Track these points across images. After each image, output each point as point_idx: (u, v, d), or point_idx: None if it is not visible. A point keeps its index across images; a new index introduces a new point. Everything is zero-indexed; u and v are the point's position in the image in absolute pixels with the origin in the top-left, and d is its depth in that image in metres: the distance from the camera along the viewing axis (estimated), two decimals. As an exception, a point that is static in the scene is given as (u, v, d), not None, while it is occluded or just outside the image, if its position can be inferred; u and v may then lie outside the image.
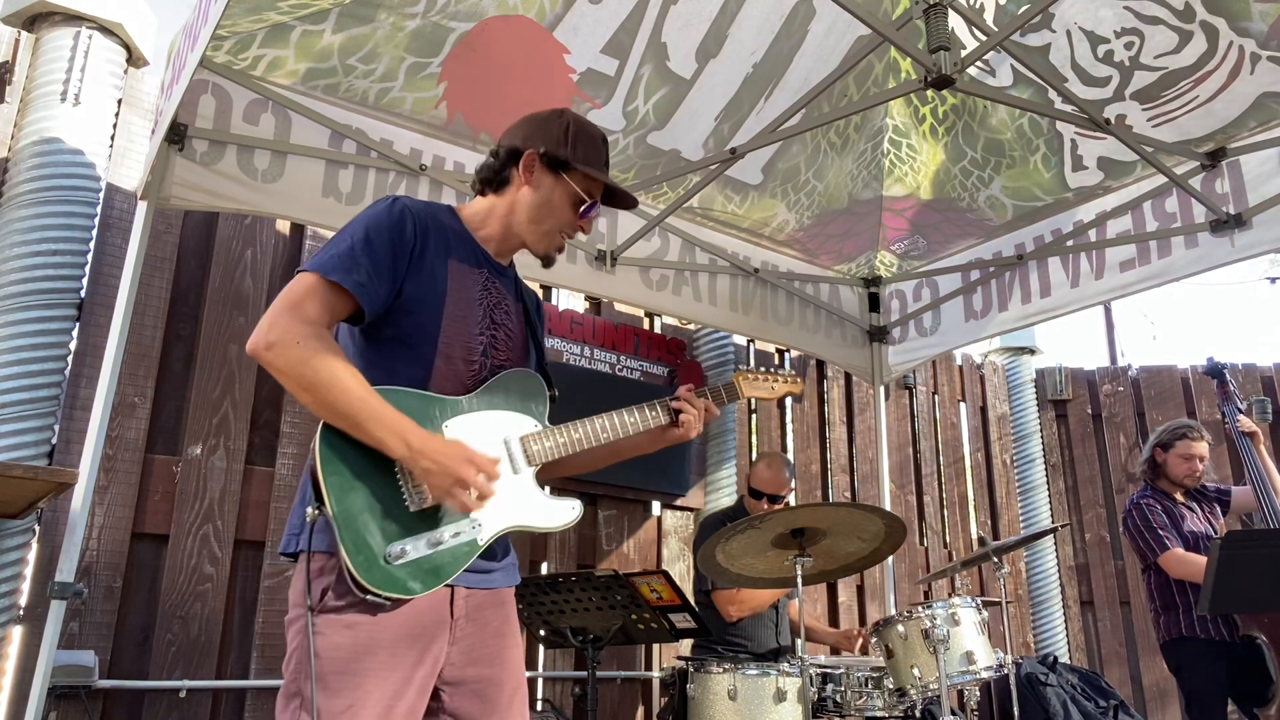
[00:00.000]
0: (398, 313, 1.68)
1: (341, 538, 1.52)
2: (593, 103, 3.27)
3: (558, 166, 1.84)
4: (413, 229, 1.71)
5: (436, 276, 1.72)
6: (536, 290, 4.40)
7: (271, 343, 1.55)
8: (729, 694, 2.83)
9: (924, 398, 5.81)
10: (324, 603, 1.56)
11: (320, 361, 1.55)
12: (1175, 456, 3.83)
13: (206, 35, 2.24)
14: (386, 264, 1.65)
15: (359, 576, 1.51)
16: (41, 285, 2.91)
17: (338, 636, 1.54)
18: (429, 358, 1.69)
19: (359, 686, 1.53)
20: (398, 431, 1.57)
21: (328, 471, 1.55)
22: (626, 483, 4.38)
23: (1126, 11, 3.03)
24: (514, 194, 1.86)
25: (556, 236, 1.88)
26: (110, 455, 3.13)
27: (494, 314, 1.81)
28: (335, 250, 1.64)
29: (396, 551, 1.56)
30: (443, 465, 1.57)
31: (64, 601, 2.53)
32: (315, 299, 1.60)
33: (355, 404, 1.56)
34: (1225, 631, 3.55)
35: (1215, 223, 3.43)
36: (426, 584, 1.58)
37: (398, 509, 1.59)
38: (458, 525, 1.64)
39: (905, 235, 4.33)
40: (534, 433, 1.78)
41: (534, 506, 1.75)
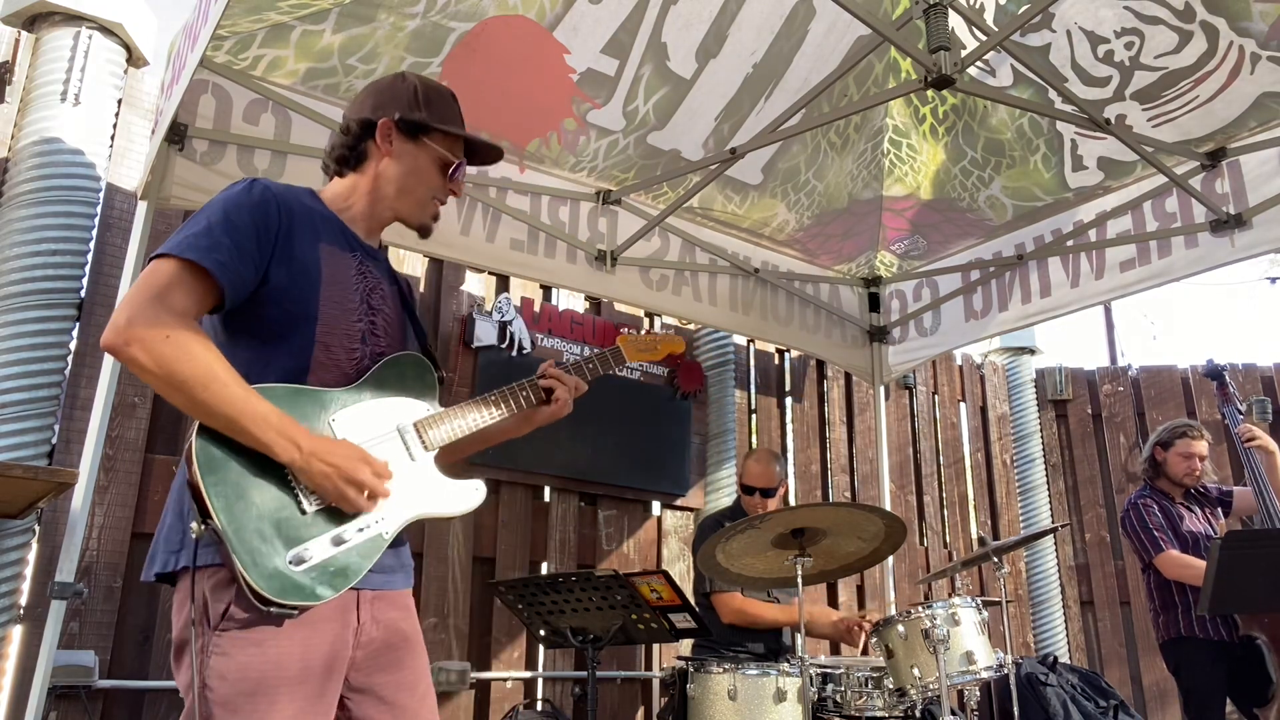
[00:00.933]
0: (266, 302, 1.56)
1: (235, 551, 1.40)
2: (593, 103, 3.27)
3: (416, 131, 1.74)
4: (276, 210, 1.59)
5: (308, 261, 1.60)
6: (537, 290, 4.43)
7: (135, 338, 1.41)
8: (729, 694, 2.83)
9: (924, 398, 5.81)
10: (225, 620, 1.43)
11: (193, 356, 1.42)
12: (1175, 455, 3.83)
13: (206, 35, 2.24)
14: (250, 246, 1.53)
15: (260, 589, 1.39)
16: (41, 285, 2.91)
17: (243, 656, 1.42)
18: (306, 349, 1.58)
19: (270, 708, 1.41)
20: (286, 434, 1.46)
21: (210, 481, 1.42)
22: (626, 483, 4.38)
23: (1126, 11, 3.03)
24: (375, 168, 1.75)
25: (430, 204, 1.79)
26: (110, 455, 3.13)
27: (370, 299, 1.70)
28: (191, 231, 1.51)
29: (298, 556, 1.45)
30: (337, 467, 1.48)
31: (64, 601, 2.53)
32: (180, 286, 1.46)
33: (237, 404, 1.43)
34: (1224, 631, 3.55)
35: (1215, 223, 3.43)
36: (335, 586, 1.47)
37: (292, 511, 1.48)
38: (361, 520, 1.54)
39: (905, 235, 4.33)
40: (427, 417, 1.69)
41: (436, 493, 1.67)
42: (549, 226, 3.64)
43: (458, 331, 4.07)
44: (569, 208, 3.72)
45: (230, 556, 1.40)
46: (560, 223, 3.69)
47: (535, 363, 1.95)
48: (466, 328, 4.07)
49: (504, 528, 4.05)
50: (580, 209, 3.75)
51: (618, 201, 3.78)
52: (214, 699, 1.40)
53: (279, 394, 1.52)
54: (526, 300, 4.27)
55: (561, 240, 3.70)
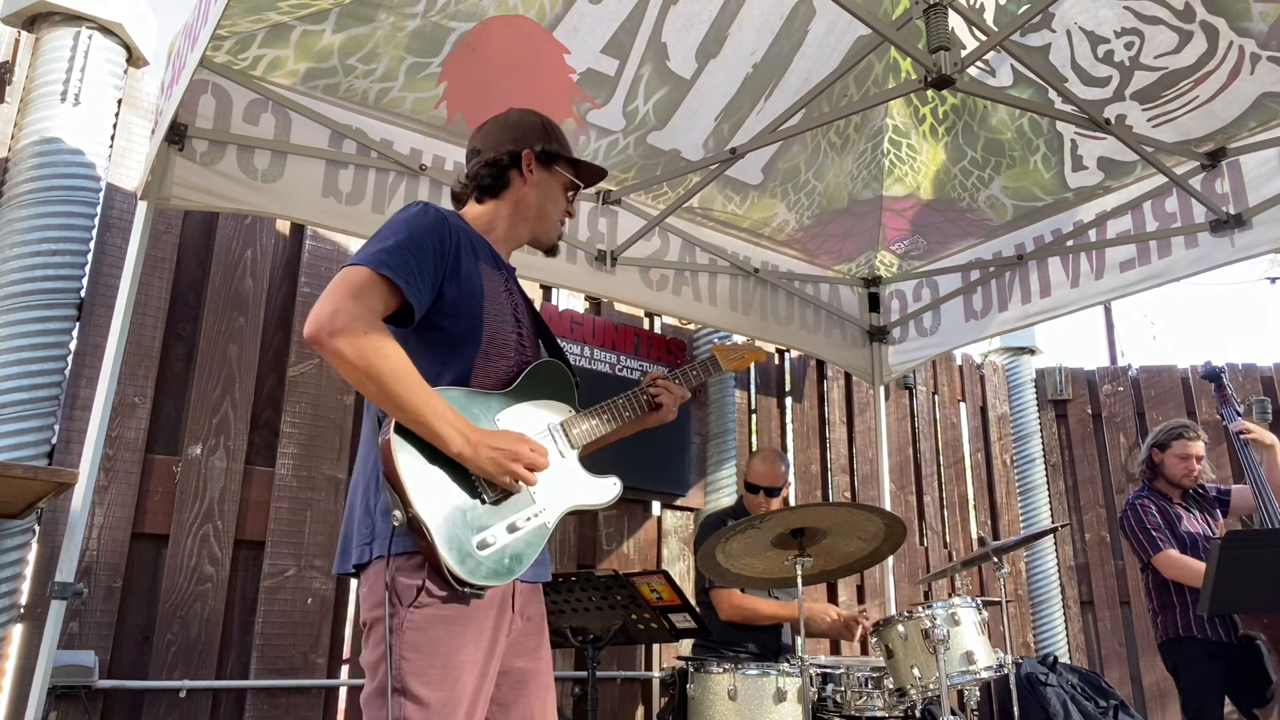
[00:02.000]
0: (439, 314, 1.73)
1: (435, 535, 1.57)
2: (593, 103, 3.27)
3: (550, 160, 1.96)
4: (449, 232, 1.76)
5: (474, 279, 1.78)
6: (537, 290, 4.44)
7: (337, 329, 1.54)
8: (729, 694, 2.83)
9: (924, 398, 5.81)
10: (418, 600, 1.58)
11: (387, 352, 1.57)
12: (1172, 456, 3.84)
13: (206, 35, 2.24)
14: (429, 265, 1.69)
15: (457, 570, 1.57)
16: (41, 285, 2.91)
17: (434, 631, 1.58)
18: (470, 356, 1.75)
19: (457, 680, 1.58)
20: (456, 426, 1.62)
21: (406, 472, 1.59)
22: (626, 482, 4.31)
23: (1126, 11, 3.03)
24: (516, 195, 1.95)
25: (559, 225, 2.02)
26: (110, 455, 3.13)
27: (517, 312, 1.90)
28: (383, 246, 1.66)
29: (483, 541, 1.63)
30: (502, 449, 1.65)
31: (64, 601, 2.53)
32: (372, 291, 1.61)
33: (419, 398, 1.59)
34: (1223, 632, 3.55)
35: (1215, 223, 3.43)
36: (514, 570, 1.66)
37: (475, 500, 1.66)
38: (528, 510, 1.72)
39: (905, 235, 4.33)
40: (570, 418, 1.89)
41: (584, 486, 1.86)
42: (549, 226, 3.64)
43: (458, 331, 4.07)
44: (569, 208, 3.71)
45: (432, 541, 1.57)
46: (560, 223, 3.69)
47: None
48: (466, 328, 4.06)
49: (504, 528, 4.05)
50: (580, 209, 3.75)
51: (618, 201, 3.78)
52: (409, 669, 1.56)
53: (454, 395, 1.70)
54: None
55: (561, 240, 3.69)
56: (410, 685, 1.55)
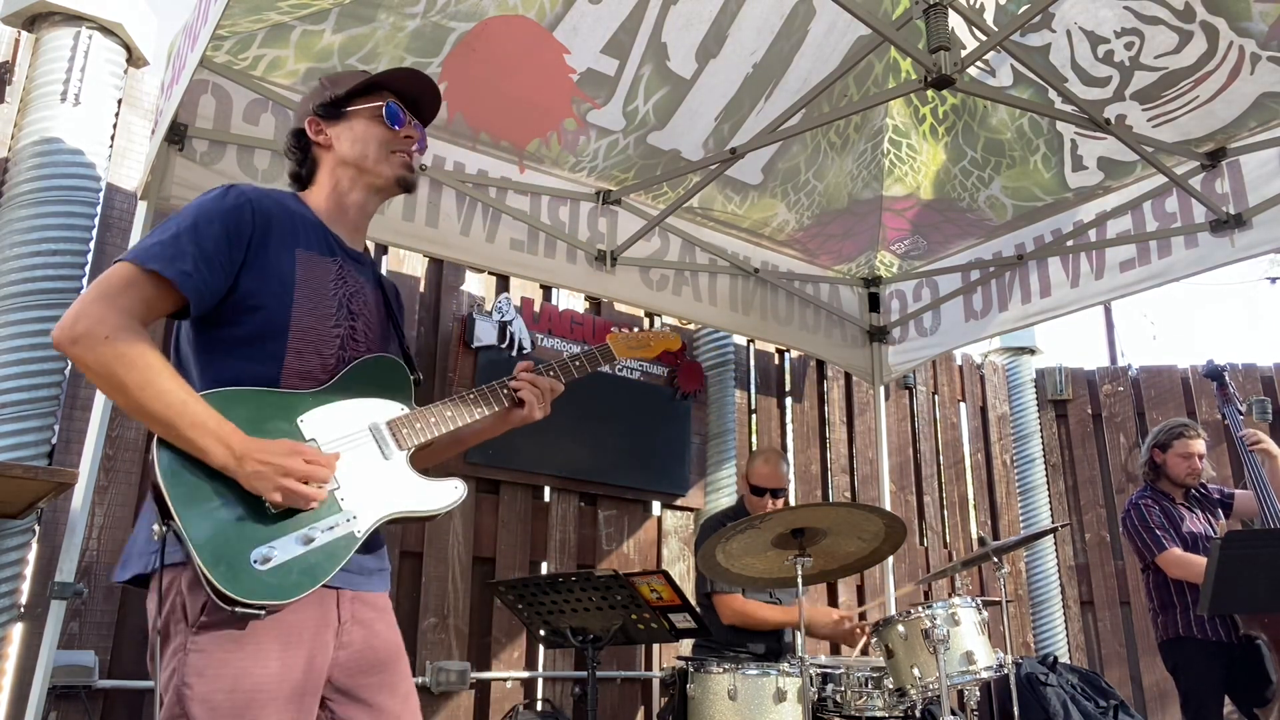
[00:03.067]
0: (239, 309, 1.57)
1: (196, 551, 1.39)
2: (593, 103, 3.27)
3: (336, 109, 1.77)
4: (250, 217, 1.59)
5: (283, 267, 1.60)
6: (537, 290, 4.43)
7: (78, 335, 1.43)
8: (729, 694, 2.83)
9: (924, 398, 5.81)
10: (203, 618, 1.43)
11: (132, 358, 1.43)
12: (1174, 456, 3.83)
13: (206, 35, 2.24)
14: (218, 255, 1.53)
15: (223, 588, 1.38)
16: (41, 285, 2.91)
17: (221, 652, 1.42)
18: (279, 354, 1.58)
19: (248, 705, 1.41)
20: (220, 436, 1.45)
21: (172, 483, 1.44)
22: (626, 483, 4.38)
23: (1126, 11, 3.03)
24: (329, 164, 1.78)
25: (389, 157, 1.77)
26: (110, 455, 3.13)
27: (350, 304, 1.69)
28: (158, 238, 1.52)
29: (263, 555, 1.44)
30: (269, 463, 1.46)
31: (64, 601, 2.53)
32: (131, 290, 1.48)
33: (173, 407, 1.44)
34: (1223, 632, 3.54)
35: (1215, 223, 3.43)
36: (302, 585, 1.46)
37: (258, 512, 1.48)
38: (331, 519, 1.53)
39: (905, 235, 4.33)
40: (400, 417, 1.69)
41: (411, 491, 1.66)
42: (549, 226, 3.64)
43: (458, 331, 4.07)
44: (569, 208, 3.72)
45: (192, 556, 1.40)
46: (560, 223, 3.69)
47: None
48: (466, 328, 4.07)
49: (504, 528, 4.05)
50: (580, 209, 3.75)
51: (618, 201, 3.78)
52: (192, 696, 1.40)
53: (242, 396, 1.52)
54: (526, 300, 4.27)
55: (561, 240, 3.70)
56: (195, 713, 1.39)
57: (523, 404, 1.86)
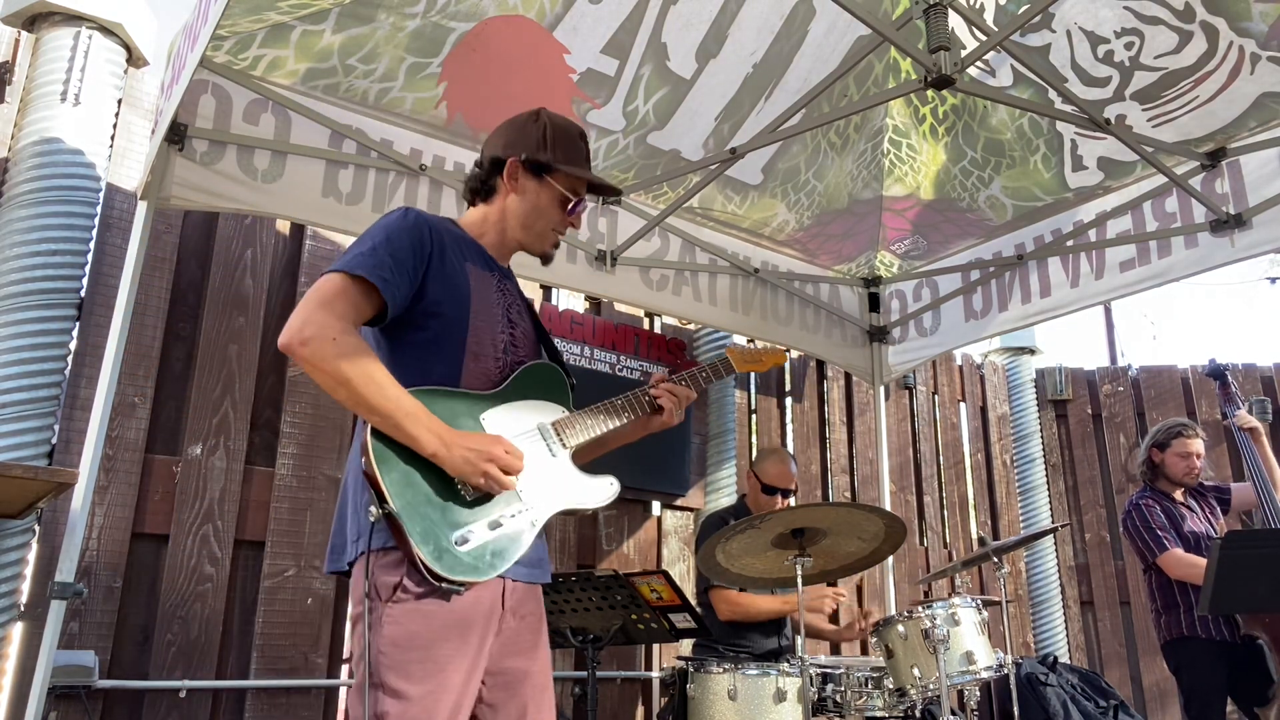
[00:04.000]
0: (423, 314, 1.75)
1: (409, 531, 1.58)
2: (593, 103, 3.27)
3: (540, 170, 1.91)
4: (429, 233, 1.77)
5: (459, 278, 1.79)
6: (537, 290, 4.43)
7: (307, 338, 1.60)
8: (729, 694, 2.83)
9: (924, 398, 5.81)
10: (396, 595, 1.60)
11: (355, 358, 1.61)
12: (1172, 455, 3.83)
13: (206, 35, 2.24)
14: (407, 264, 1.71)
15: (432, 565, 1.57)
16: (41, 285, 2.91)
17: (413, 625, 1.59)
18: (458, 357, 1.77)
19: (439, 673, 1.58)
20: (431, 429, 1.63)
21: (384, 470, 1.61)
22: (627, 483, 4.31)
23: (1126, 11, 3.03)
24: (503, 201, 1.94)
25: (550, 235, 1.97)
26: (110, 455, 3.13)
27: (509, 313, 1.90)
28: (358, 251, 1.70)
29: (461, 537, 1.63)
30: (475, 450, 1.65)
31: (64, 601, 2.53)
32: (344, 297, 1.65)
33: (391, 401, 1.61)
34: (1226, 631, 3.54)
35: (1215, 223, 3.43)
36: (495, 566, 1.66)
37: (455, 498, 1.66)
38: (513, 507, 1.72)
39: (905, 235, 4.33)
40: (563, 418, 1.88)
41: (577, 487, 1.85)
42: (549, 226, 3.64)
43: (458, 331, 4.07)
44: (569, 208, 3.71)
45: (406, 536, 1.58)
46: (560, 223, 3.68)
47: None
48: (466, 328, 4.06)
49: (504, 528, 4.05)
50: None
51: (617, 201, 3.78)
52: (386, 663, 1.57)
53: (435, 396, 1.71)
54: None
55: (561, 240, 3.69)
56: (388, 679, 1.56)
57: (662, 410, 2.05)
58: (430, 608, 1.61)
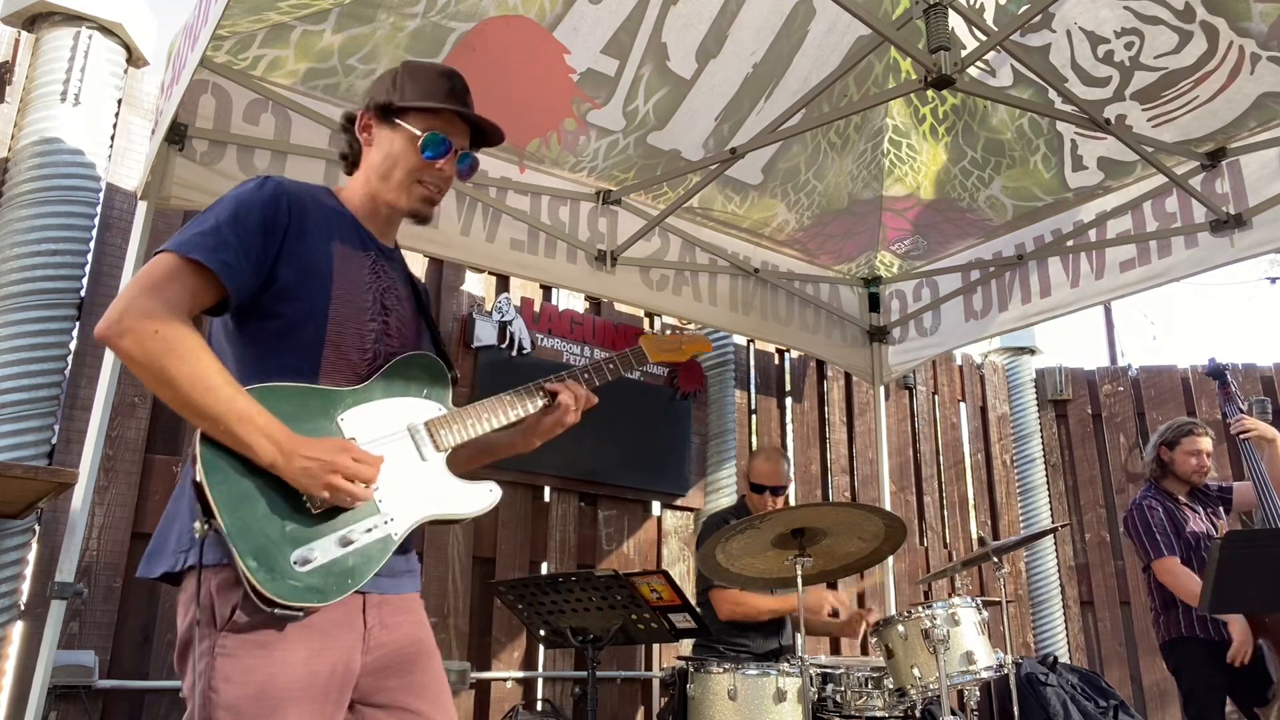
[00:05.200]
0: (276, 300, 1.54)
1: (238, 551, 1.38)
2: (593, 103, 3.27)
3: (389, 114, 1.68)
4: (287, 207, 1.56)
5: (319, 259, 1.58)
6: (537, 290, 4.43)
7: (126, 329, 1.40)
8: (729, 694, 2.83)
9: (924, 398, 5.81)
10: (233, 621, 1.41)
11: (181, 352, 1.41)
12: (1181, 454, 3.82)
13: (206, 35, 2.24)
14: (255, 244, 1.51)
15: (263, 589, 1.37)
16: (41, 285, 2.91)
17: (249, 658, 1.40)
18: (316, 348, 1.56)
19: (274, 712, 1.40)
20: (267, 433, 1.43)
21: (214, 480, 1.41)
22: (627, 483, 4.38)
23: (1126, 11, 3.03)
24: (365, 162, 1.72)
25: (412, 187, 1.69)
26: (110, 455, 3.13)
27: (384, 299, 1.67)
28: (198, 229, 1.49)
29: (302, 557, 1.43)
30: (317, 460, 1.45)
31: (64, 601, 2.53)
32: (176, 281, 1.45)
33: (221, 403, 1.41)
34: (1225, 632, 3.54)
35: (1215, 223, 3.43)
36: (341, 588, 1.45)
37: (298, 512, 1.46)
38: (369, 520, 1.52)
39: (905, 235, 4.33)
40: (439, 417, 1.67)
41: (448, 494, 1.64)
42: (549, 226, 3.64)
43: (457, 331, 4.07)
44: (569, 208, 3.72)
45: (234, 556, 1.38)
46: (560, 223, 3.69)
47: (535, 363, 1.94)
48: (466, 328, 4.07)
49: (504, 528, 4.05)
50: (580, 209, 3.75)
51: (618, 201, 3.78)
52: (218, 701, 1.38)
53: (284, 393, 1.50)
54: (526, 300, 4.27)
55: (561, 240, 3.70)
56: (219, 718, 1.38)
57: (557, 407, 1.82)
58: (268, 638, 1.41)
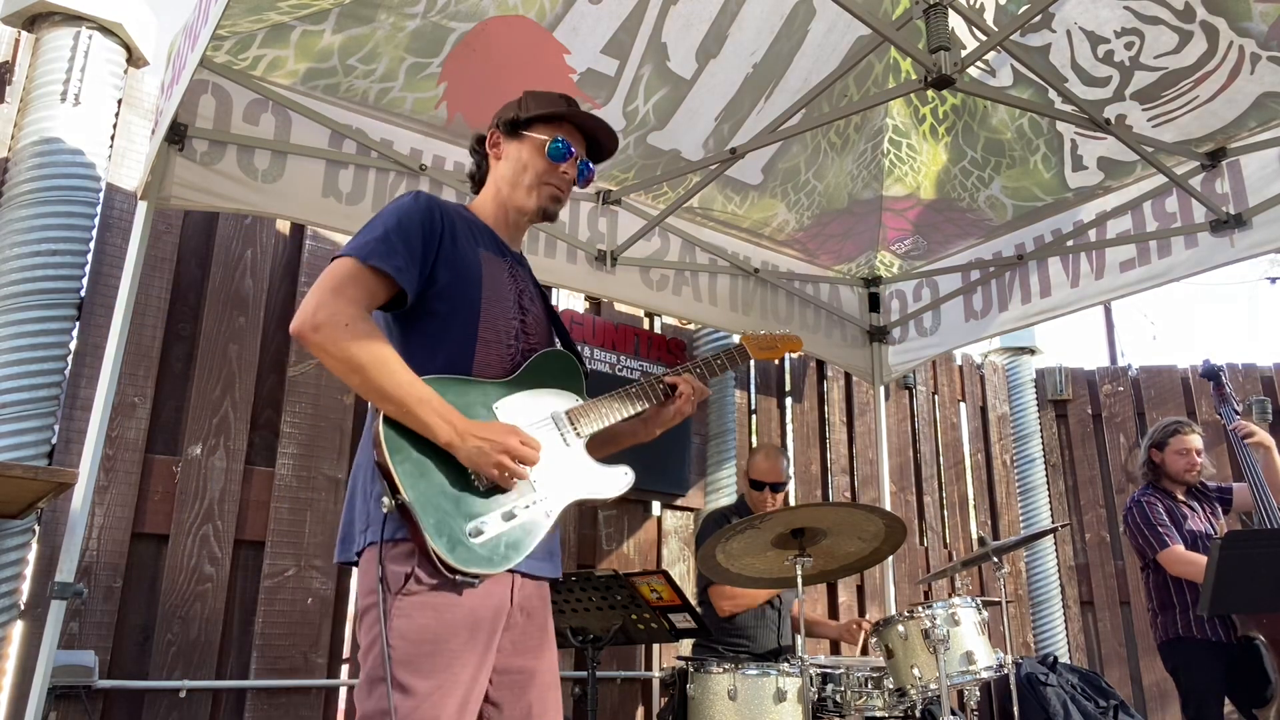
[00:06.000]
0: (434, 299, 1.72)
1: (423, 522, 1.55)
2: (593, 103, 3.27)
3: (516, 128, 1.91)
4: (440, 217, 1.75)
5: (470, 263, 1.77)
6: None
7: (319, 324, 1.58)
8: (729, 694, 2.83)
9: (924, 398, 5.81)
10: (407, 587, 1.58)
11: (368, 343, 1.59)
12: (1172, 454, 3.83)
13: (206, 35, 2.24)
14: (418, 249, 1.70)
15: (446, 558, 1.55)
16: (41, 285, 2.91)
17: (422, 619, 1.57)
18: (470, 343, 1.74)
19: (447, 668, 1.56)
20: (444, 416, 1.61)
21: (397, 460, 1.58)
22: (626, 483, 4.37)
23: (1126, 11, 3.03)
24: (495, 176, 1.94)
25: (541, 188, 1.90)
26: (110, 455, 3.13)
27: (521, 299, 1.86)
28: (370, 236, 1.68)
29: (475, 529, 1.61)
30: (489, 439, 1.62)
31: (64, 601, 2.53)
32: (357, 283, 1.63)
33: (404, 388, 1.59)
34: (1223, 632, 3.54)
35: (1215, 223, 3.43)
36: (509, 558, 1.63)
37: (468, 489, 1.64)
38: (528, 498, 1.69)
39: (905, 235, 4.33)
40: (577, 407, 1.85)
41: (591, 476, 1.83)
42: (549, 226, 3.64)
43: (458, 331, 4.07)
44: (569, 207, 3.72)
45: (419, 527, 1.55)
46: (560, 223, 3.69)
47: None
48: (466, 328, 4.07)
49: (504, 528, 4.05)
50: (580, 209, 3.75)
51: (618, 201, 3.78)
52: (396, 657, 1.54)
53: (448, 384, 1.68)
54: (526, 300, 4.26)
55: (561, 240, 3.70)
56: (397, 673, 1.54)
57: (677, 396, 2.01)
58: (441, 601, 1.58)
